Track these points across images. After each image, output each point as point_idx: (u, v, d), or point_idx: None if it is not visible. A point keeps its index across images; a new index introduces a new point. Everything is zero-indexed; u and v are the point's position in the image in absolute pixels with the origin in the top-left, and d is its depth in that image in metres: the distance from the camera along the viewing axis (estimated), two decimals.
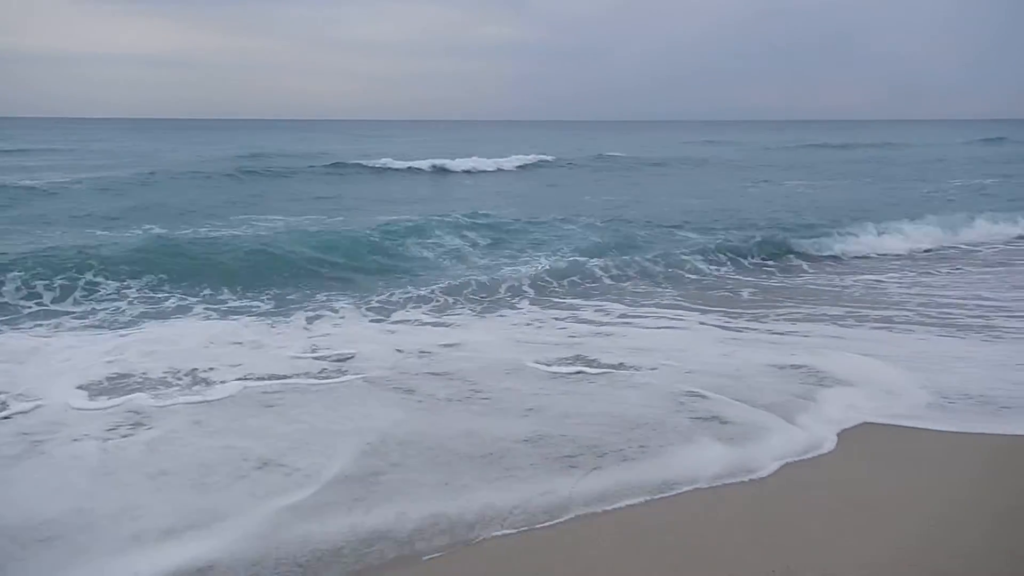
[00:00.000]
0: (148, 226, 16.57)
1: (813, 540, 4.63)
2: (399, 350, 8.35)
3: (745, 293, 11.77)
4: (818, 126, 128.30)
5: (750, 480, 5.47)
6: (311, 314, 10.01)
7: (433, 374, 7.58)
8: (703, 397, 6.90)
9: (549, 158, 38.76)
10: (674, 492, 5.29)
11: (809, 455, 5.85)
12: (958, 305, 10.58)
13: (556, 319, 9.97)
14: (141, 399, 6.79)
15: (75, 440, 5.93)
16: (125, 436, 6.03)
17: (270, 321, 9.64)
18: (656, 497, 5.22)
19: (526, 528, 4.80)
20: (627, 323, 9.76)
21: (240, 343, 8.54)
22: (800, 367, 7.72)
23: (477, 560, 4.48)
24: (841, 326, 9.50)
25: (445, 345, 8.58)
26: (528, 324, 9.74)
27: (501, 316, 10.20)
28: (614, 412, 6.57)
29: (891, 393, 7.00)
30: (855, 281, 12.65)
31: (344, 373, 7.60)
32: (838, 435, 6.20)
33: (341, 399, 6.87)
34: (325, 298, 10.93)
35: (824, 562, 4.36)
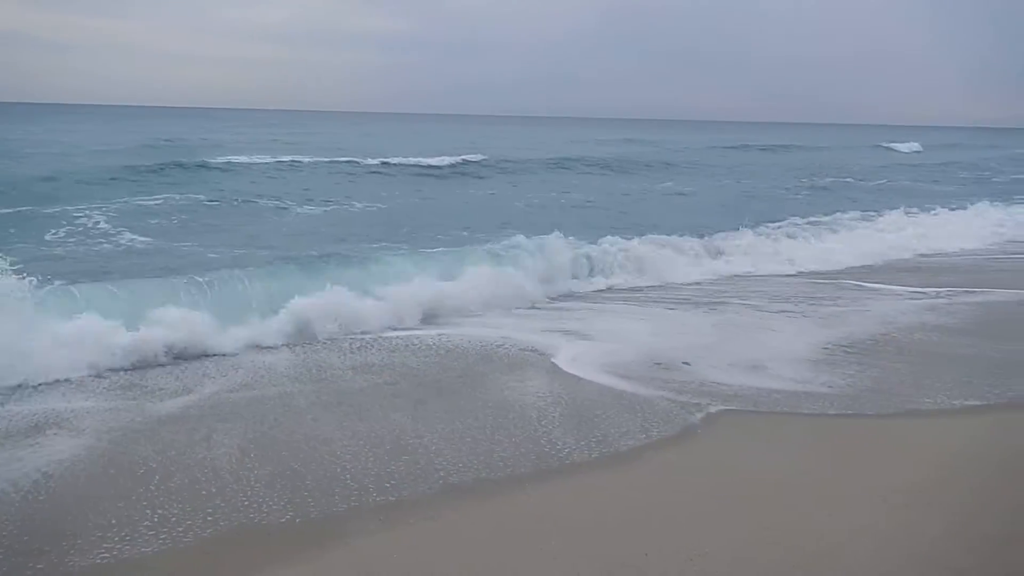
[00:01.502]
0: None
1: (681, 522, 4.74)
2: None
3: None
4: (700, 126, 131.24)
5: (620, 466, 5.57)
6: None
7: None
8: None
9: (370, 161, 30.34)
10: (547, 478, 5.32)
11: (677, 441, 6.02)
12: None
13: None
14: None
15: None
16: None
17: None
18: (531, 483, 5.23)
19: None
20: None
21: None
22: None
23: None
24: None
25: None
26: None
27: None
28: None
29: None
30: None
31: None
32: (702, 420, 6.42)
33: None
34: None
35: (692, 543, 4.46)
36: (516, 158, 33.66)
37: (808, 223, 17.40)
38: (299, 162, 28.68)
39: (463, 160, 30.73)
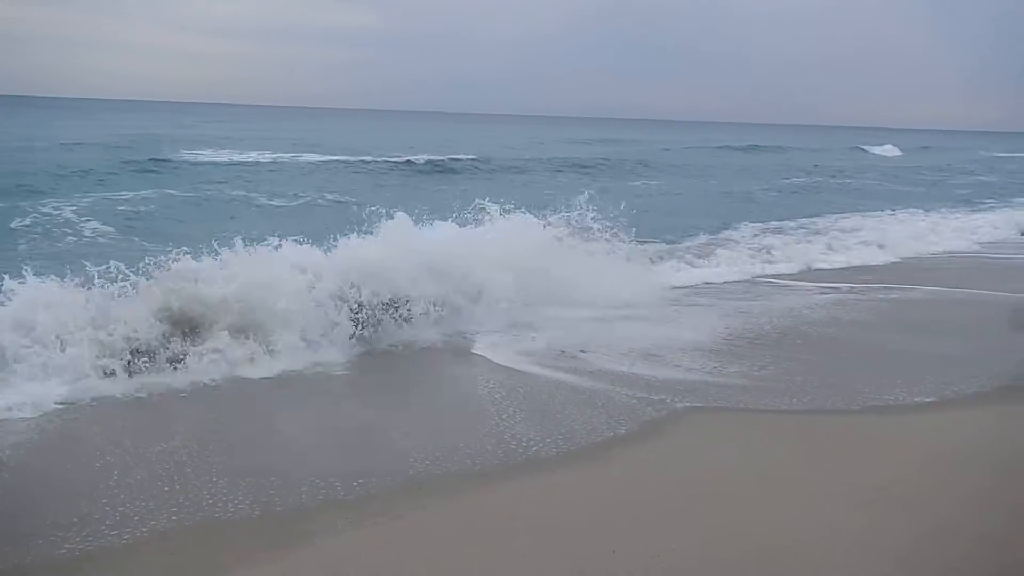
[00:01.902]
0: None
1: (648, 520, 4.75)
2: None
3: None
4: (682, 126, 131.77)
5: (590, 465, 5.58)
6: None
7: None
8: None
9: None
10: (515, 477, 5.32)
11: (643, 437, 6.05)
12: None
13: None
14: None
15: None
16: None
17: None
18: (498, 482, 5.23)
19: None
20: None
21: None
22: None
23: None
24: None
25: None
26: None
27: None
28: None
29: None
30: None
31: None
32: (667, 416, 6.47)
33: None
34: None
35: (659, 541, 4.48)
36: (492, 156, 33.48)
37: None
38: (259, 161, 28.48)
39: (407, 160, 29.99)
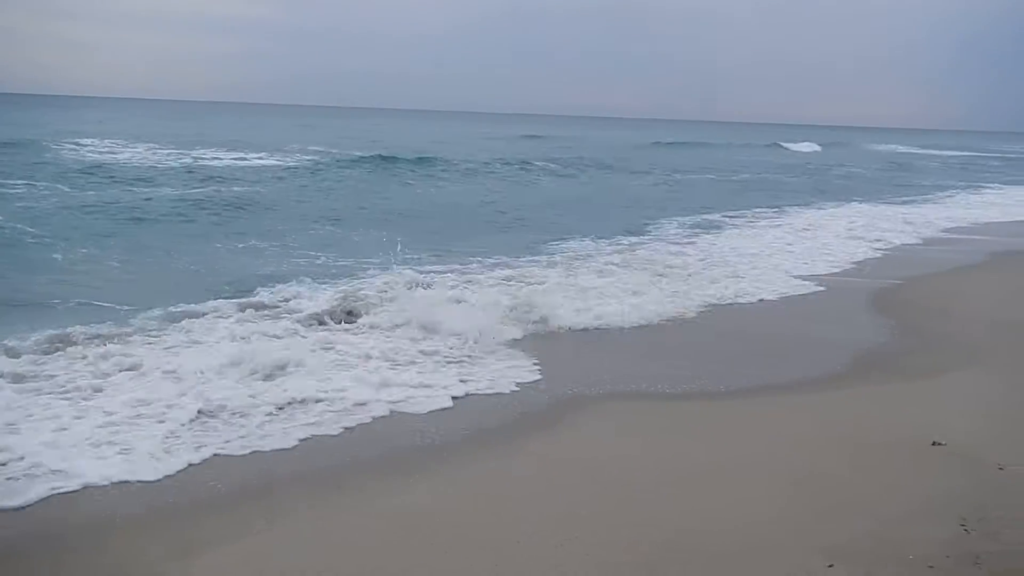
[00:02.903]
0: None
1: (552, 512, 4.81)
2: None
3: None
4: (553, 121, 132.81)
5: (496, 461, 5.63)
6: None
7: None
8: None
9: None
10: (419, 469, 5.33)
11: (547, 428, 6.13)
12: None
13: None
14: None
15: None
16: None
17: None
18: (410, 479, 5.23)
19: None
20: None
21: None
22: None
23: None
24: None
25: None
26: None
27: None
28: None
29: None
30: None
31: None
32: (571, 406, 6.59)
33: None
34: None
35: (562, 531, 4.55)
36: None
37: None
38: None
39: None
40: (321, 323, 8.64)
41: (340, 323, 8.69)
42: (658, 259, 13.15)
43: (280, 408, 6.27)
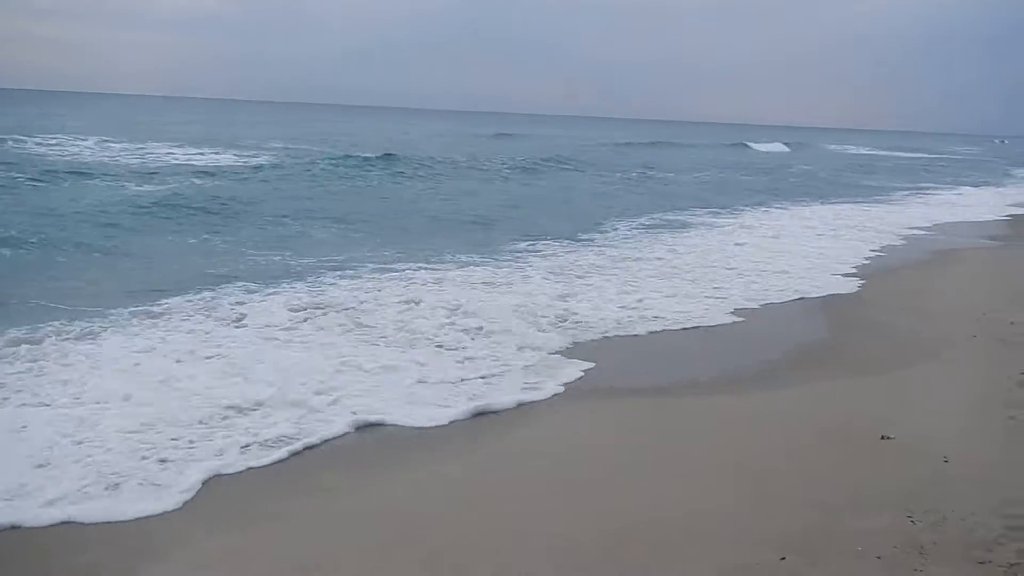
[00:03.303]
0: None
1: (508, 505, 4.85)
2: None
3: None
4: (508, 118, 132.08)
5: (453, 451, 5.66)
6: None
7: None
8: None
9: None
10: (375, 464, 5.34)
11: (511, 422, 6.14)
12: None
13: None
14: None
15: None
16: None
17: None
18: (367, 481, 5.23)
19: None
20: None
21: None
22: None
23: None
24: None
25: None
26: None
27: None
28: None
29: None
30: None
31: None
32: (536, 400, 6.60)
33: None
34: None
35: (516, 526, 4.58)
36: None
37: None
38: None
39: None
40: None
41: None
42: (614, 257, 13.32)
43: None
